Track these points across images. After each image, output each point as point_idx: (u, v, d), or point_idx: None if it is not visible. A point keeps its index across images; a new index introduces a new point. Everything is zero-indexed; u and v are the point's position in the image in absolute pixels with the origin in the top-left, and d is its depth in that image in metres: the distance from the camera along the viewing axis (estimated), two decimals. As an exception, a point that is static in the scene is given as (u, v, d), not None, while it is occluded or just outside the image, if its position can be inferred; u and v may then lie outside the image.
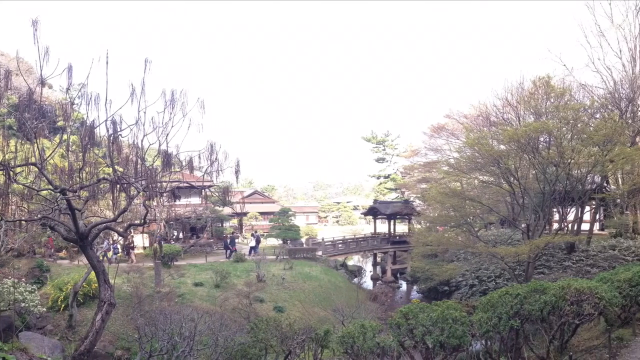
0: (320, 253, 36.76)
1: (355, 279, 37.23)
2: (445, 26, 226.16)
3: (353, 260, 50.59)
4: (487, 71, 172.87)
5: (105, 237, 26.67)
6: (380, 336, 10.17)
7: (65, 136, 11.75)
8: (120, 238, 26.81)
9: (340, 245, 40.62)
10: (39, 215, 11.45)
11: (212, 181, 13.53)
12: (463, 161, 26.83)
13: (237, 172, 11.96)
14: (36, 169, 10.55)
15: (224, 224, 44.33)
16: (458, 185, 31.65)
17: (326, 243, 39.72)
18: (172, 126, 11.11)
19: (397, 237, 43.88)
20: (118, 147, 11.20)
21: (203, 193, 35.78)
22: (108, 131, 10.70)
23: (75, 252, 26.20)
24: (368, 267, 48.23)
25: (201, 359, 11.35)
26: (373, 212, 46.46)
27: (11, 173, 9.76)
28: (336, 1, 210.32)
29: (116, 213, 12.01)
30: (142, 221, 13.33)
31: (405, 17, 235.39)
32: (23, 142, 11.27)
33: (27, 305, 14.76)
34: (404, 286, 39.84)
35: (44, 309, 16.46)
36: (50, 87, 34.80)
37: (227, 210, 38.46)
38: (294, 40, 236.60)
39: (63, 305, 17.34)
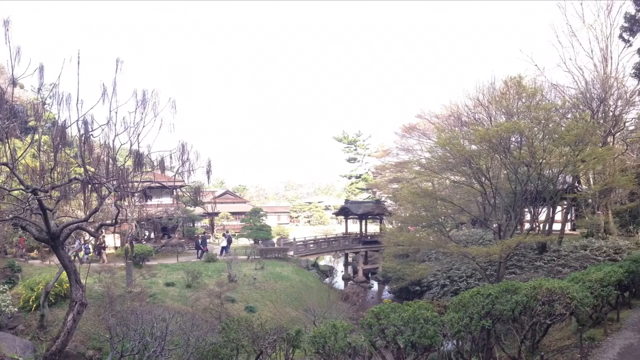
0: (291, 253, 36.73)
1: (326, 279, 37.29)
2: (419, 27, 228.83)
3: (325, 260, 50.63)
4: (459, 71, 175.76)
5: (76, 237, 26.63)
6: (351, 336, 10.04)
7: (36, 136, 11.82)
8: (91, 238, 27.20)
9: (311, 245, 40.64)
10: (11, 215, 11.40)
11: (184, 181, 13.72)
12: (434, 161, 26.80)
13: (209, 172, 12.11)
14: (7, 169, 10.56)
15: (196, 224, 44.44)
16: (429, 185, 31.77)
17: (298, 243, 39.65)
18: (144, 126, 11.33)
19: (369, 237, 44.21)
20: (89, 147, 11.30)
21: (174, 193, 36.74)
22: (79, 131, 10.80)
23: (46, 252, 26.13)
24: (340, 267, 48.25)
25: (172, 359, 11.27)
26: (345, 212, 46.67)
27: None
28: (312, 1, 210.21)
29: (88, 213, 12.13)
30: (114, 221, 13.46)
31: (378, 17, 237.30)
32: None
33: (-1, 305, 14.63)
34: (376, 286, 39.98)
35: (16, 309, 16.58)
36: (21, 87, 34.12)
37: (199, 210, 38.24)
38: (265, 39, 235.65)
39: (34, 305, 17.29)
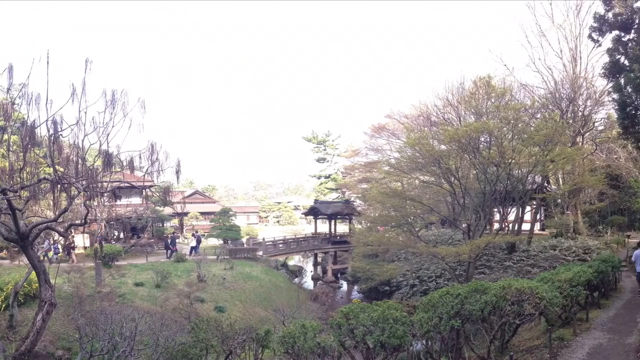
0: (261, 253, 36.53)
1: (296, 279, 37.18)
2: (399, 27, 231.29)
3: (294, 260, 50.61)
4: (435, 71, 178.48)
5: (46, 237, 26.60)
6: (321, 336, 10.08)
7: (5, 136, 11.94)
8: (61, 238, 27.27)
9: (281, 245, 40.59)
10: (-21, 215, 11.41)
11: (153, 181, 13.99)
12: (404, 161, 26.81)
13: (178, 172, 12.28)
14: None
15: (165, 224, 44.45)
16: (399, 185, 31.88)
17: (267, 243, 39.52)
18: (113, 126, 11.50)
19: (338, 237, 44.21)
20: (59, 147, 11.43)
21: (144, 193, 37.25)
22: (49, 131, 10.91)
23: (15, 252, 26.01)
24: (309, 267, 48.26)
25: (142, 359, 11.10)
26: (314, 212, 46.56)
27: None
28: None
29: (57, 213, 12.24)
30: (83, 221, 13.63)
31: (358, 16, 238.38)
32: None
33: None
34: (345, 286, 40.03)
35: (-16, 309, 16.40)
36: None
37: (168, 210, 38.63)
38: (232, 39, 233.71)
39: (4, 305, 16.78)
